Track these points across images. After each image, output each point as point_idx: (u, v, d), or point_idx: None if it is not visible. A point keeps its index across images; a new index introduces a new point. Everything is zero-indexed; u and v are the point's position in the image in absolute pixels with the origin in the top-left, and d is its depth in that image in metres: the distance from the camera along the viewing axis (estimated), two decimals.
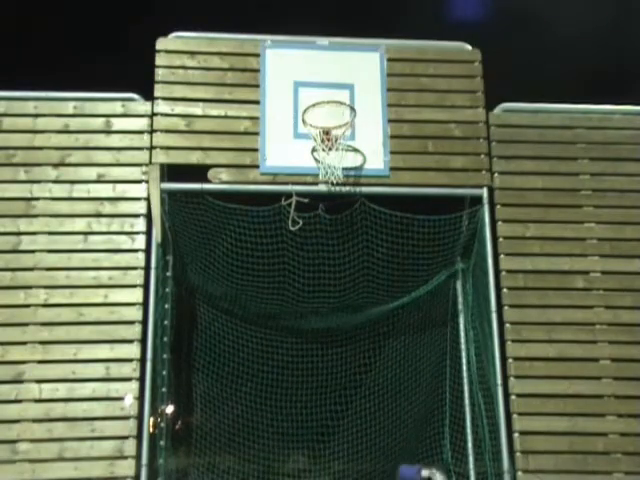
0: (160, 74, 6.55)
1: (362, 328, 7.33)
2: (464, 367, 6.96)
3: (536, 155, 6.68)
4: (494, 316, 6.21)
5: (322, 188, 6.36)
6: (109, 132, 6.39)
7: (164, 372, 6.45)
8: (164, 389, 6.44)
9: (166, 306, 6.52)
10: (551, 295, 6.32)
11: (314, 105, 6.22)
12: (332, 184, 6.23)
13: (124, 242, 6.14)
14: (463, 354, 7.04)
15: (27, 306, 5.94)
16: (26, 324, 5.90)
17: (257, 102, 6.53)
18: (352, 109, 6.36)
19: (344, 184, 6.31)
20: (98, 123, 6.41)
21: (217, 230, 6.62)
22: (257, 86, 6.58)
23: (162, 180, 6.29)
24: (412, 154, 6.57)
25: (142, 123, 6.43)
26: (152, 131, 6.40)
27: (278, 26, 7.01)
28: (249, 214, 6.52)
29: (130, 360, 5.85)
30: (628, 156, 6.76)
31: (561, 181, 6.64)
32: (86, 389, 5.78)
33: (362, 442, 7.03)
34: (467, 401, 6.96)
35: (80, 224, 6.16)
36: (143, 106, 6.48)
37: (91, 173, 6.29)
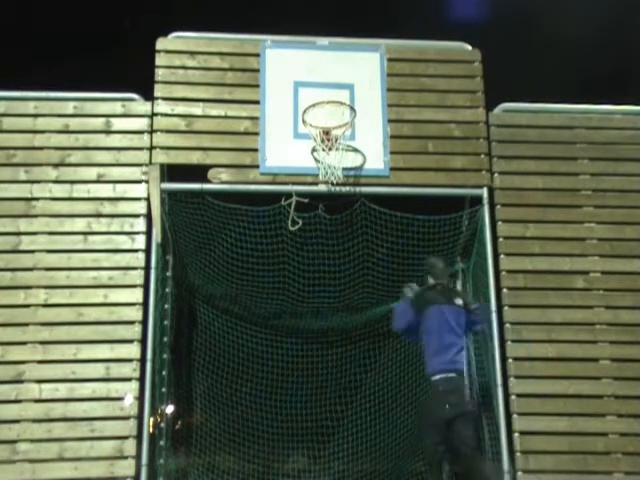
0: (160, 74, 6.54)
1: (362, 328, 7.33)
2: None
3: (536, 155, 6.67)
4: (494, 316, 6.21)
5: (322, 188, 6.36)
6: (109, 132, 6.38)
7: (164, 372, 6.45)
8: (164, 389, 6.43)
9: (166, 306, 6.52)
10: (551, 295, 6.32)
11: (314, 105, 6.21)
12: (332, 184, 6.23)
13: (124, 242, 6.13)
14: None
15: (27, 306, 5.93)
16: (26, 324, 5.89)
17: (257, 102, 6.52)
18: (352, 109, 6.35)
19: (344, 184, 6.31)
20: (98, 123, 6.40)
21: (217, 230, 6.62)
22: (257, 86, 6.57)
23: (162, 180, 6.29)
24: (412, 154, 6.57)
25: (142, 123, 6.42)
26: (152, 131, 6.39)
27: (278, 26, 7.01)
28: (249, 214, 6.52)
29: (130, 360, 5.84)
30: (628, 156, 6.76)
31: (561, 181, 6.63)
32: (86, 389, 5.78)
33: (362, 442, 7.02)
34: None
35: (80, 224, 6.15)
36: (143, 106, 6.48)
37: (91, 173, 6.28)
